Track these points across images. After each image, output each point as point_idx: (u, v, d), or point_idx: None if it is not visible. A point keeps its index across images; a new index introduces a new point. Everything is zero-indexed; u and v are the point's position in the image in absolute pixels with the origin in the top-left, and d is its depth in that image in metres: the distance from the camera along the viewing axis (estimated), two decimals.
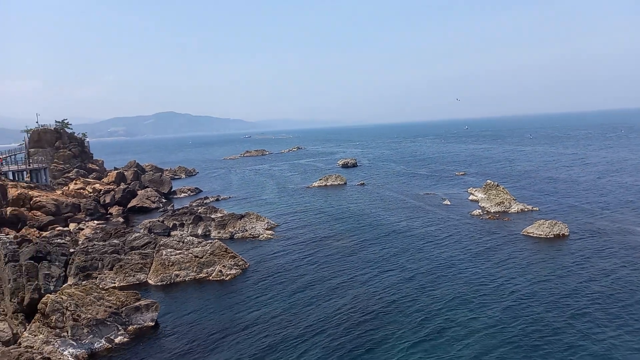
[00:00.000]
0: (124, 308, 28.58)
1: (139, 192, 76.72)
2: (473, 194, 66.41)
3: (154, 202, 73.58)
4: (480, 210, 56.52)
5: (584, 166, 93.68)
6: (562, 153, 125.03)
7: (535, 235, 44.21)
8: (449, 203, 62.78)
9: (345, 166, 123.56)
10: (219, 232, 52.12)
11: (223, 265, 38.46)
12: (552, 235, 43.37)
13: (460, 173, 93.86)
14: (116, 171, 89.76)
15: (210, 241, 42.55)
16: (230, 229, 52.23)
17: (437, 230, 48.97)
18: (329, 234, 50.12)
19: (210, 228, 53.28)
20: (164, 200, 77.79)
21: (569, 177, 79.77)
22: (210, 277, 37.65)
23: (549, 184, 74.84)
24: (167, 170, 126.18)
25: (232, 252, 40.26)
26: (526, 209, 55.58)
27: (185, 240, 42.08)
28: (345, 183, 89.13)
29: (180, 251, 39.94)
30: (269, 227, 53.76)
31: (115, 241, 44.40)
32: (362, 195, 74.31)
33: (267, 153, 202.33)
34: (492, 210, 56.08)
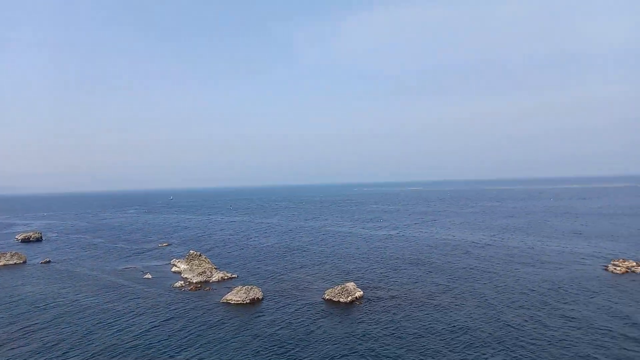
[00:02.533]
0: None
1: None
2: (176, 265, 65.41)
3: None
4: (182, 282, 55.81)
5: (271, 233, 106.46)
6: (254, 221, 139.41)
7: (233, 302, 46.24)
8: (150, 277, 59.68)
9: (26, 241, 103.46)
10: None
11: None
12: (249, 300, 46.33)
13: (164, 244, 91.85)
14: None
15: None
16: None
17: (131, 308, 44.91)
18: None
19: None
20: None
21: (259, 244, 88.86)
22: None
23: (244, 250, 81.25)
24: None
25: None
26: (226, 277, 58.10)
27: None
28: (25, 262, 74.15)
29: None
30: None
31: None
32: (46, 275, 62.84)
33: None
34: (194, 281, 56.20)
